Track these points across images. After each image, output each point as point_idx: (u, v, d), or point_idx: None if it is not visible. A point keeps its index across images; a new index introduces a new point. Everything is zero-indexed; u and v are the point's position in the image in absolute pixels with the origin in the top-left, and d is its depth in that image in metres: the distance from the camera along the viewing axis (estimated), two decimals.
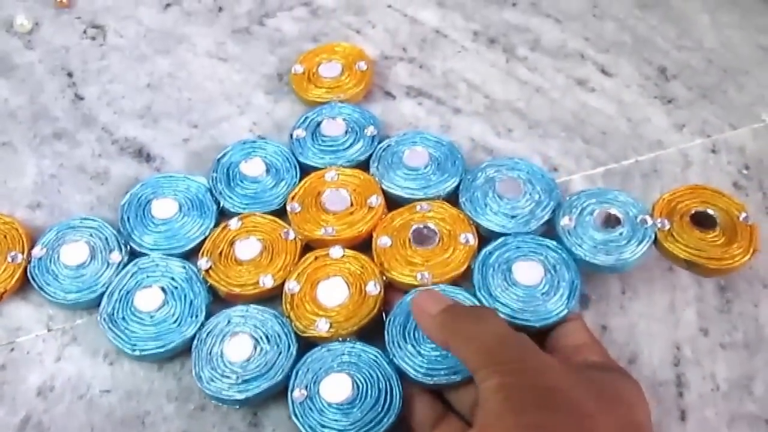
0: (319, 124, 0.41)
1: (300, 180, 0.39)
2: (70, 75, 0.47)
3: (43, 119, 0.45)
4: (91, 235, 0.37)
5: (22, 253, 0.36)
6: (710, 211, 0.34)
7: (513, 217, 0.36)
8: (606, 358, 0.30)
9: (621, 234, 0.34)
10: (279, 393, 0.32)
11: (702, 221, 0.34)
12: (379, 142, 0.40)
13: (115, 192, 0.41)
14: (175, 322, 0.33)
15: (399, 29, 0.49)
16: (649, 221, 0.34)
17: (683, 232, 0.34)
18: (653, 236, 0.34)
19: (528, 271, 0.33)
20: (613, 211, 0.35)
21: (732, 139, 0.42)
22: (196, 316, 0.33)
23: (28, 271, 0.36)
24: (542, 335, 0.32)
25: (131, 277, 0.35)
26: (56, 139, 0.44)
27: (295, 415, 0.30)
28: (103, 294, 0.35)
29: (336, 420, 0.30)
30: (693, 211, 0.34)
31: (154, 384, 0.34)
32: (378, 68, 0.46)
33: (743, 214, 0.34)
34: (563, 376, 0.25)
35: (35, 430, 0.32)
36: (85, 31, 0.50)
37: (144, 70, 0.47)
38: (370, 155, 0.39)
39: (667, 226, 0.34)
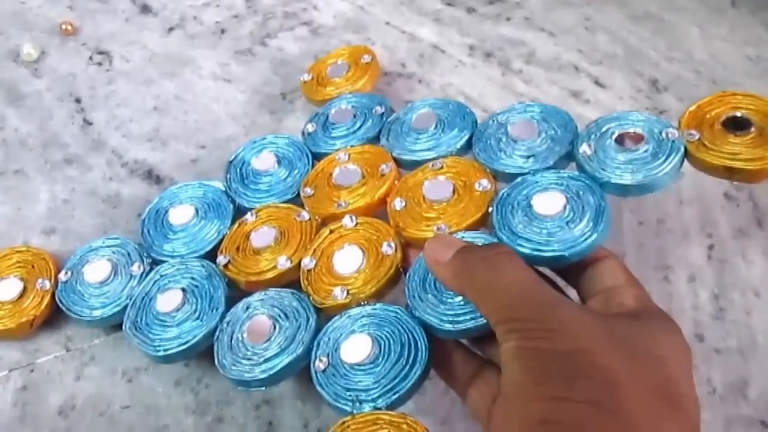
0: (328, 116, 0.41)
1: (312, 168, 0.39)
2: (78, 101, 0.48)
3: (54, 145, 0.46)
4: (113, 252, 0.37)
5: (50, 279, 0.37)
6: (741, 114, 0.31)
7: (530, 156, 0.34)
8: (642, 300, 0.27)
9: (646, 151, 0.31)
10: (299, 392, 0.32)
11: (735, 125, 0.31)
12: (387, 119, 0.40)
13: (127, 214, 0.42)
14: (197, 318, 0.34)
15: (398, 46, 0.50)
16: (676, 134, 0.32)
17: (716, 139, 0.31)
18: (683, 149, 0.31)
19: (548, 202, 0.31)
20: (634, 130, 0.32)
21: None
22: (217, 309, 0.33)
23: (56, 295, 0.37)
24: (577, 273, 0.30)
25: (153, 284, 0.35)
26: (67, 165, 0.45)
27: (320, 385, 0.29)
28: (127, 306, 0.35)
29: (359, 381, 0.28)
30: (723, 118, 0.31)
31: (172, 399, 0.35)
32: (378, 84, 0.47)
33: None
34: (588, 334, 0.23)
35: None
36: (91, 57, 0.51)
37: (150, 94, 0.48)
38: (380, 131, 0.39)
39: (697, 136, 0.31)
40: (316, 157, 0.40)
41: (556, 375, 0.22)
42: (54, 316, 0.37)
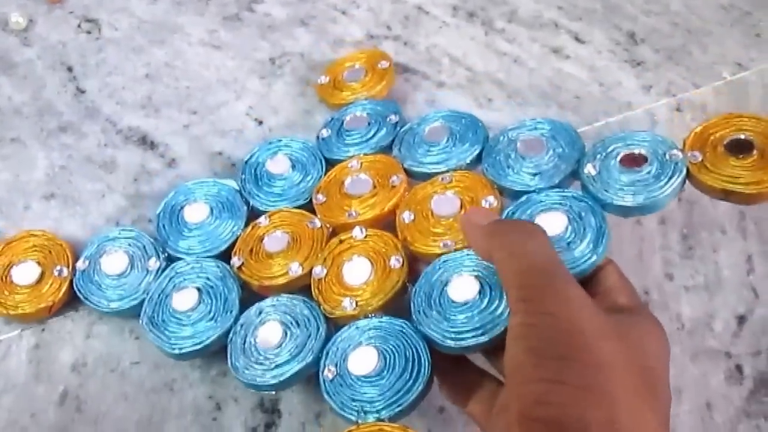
0: (343, 122, 0.42)
1: (325, 173, 0.40)
2: (69, 69, 0.49)
3: (48, 114, 0.47)
4: (129, 245, 0.38)
5: (68, 267, 0.38)
6: (744, 136, 0.32)
7: (536, 174, 0.35)
8: (633, 300, 0.29)
9: (649, 173, 0.32)
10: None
11: (738, 148, 0.32)
12: (401, 128, 0.41)
13: (124, 180, 0.43)
14: (211, 318, 0.35)
15: (382, 8, 0.51)
16: (680, 156, 0.32)
17: (717, 162, 0.31)
18: (685, 170, 0.32)
19: (550, 222, 0.32)
20: (638, 151, 0.33)
21: (695, 97, 0.45)
22: (231, 311, 0.35)
23: (73, 283, 0.37)
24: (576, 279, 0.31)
25: (169, 281, 0.36)
26: (62, 132, 0.46)
27: (327, 394, 0.30)
28: (144, 300, 0.36)
29: (365, 392, 0.30)
30: (727, 140, 0.32)
31: None
32: (364, 48, 0.49)
33: None
34: (587, 316, 0.25)
35: (74, 402, 0.35)
36: (79, 26, 0.51)
37: (141, 61, 0.49)
38: (393, 140, 0.40)
39: (699, 158, 0.32)
40: (330, 162, 0.41)
41: (552, 357, 0.24)
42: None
